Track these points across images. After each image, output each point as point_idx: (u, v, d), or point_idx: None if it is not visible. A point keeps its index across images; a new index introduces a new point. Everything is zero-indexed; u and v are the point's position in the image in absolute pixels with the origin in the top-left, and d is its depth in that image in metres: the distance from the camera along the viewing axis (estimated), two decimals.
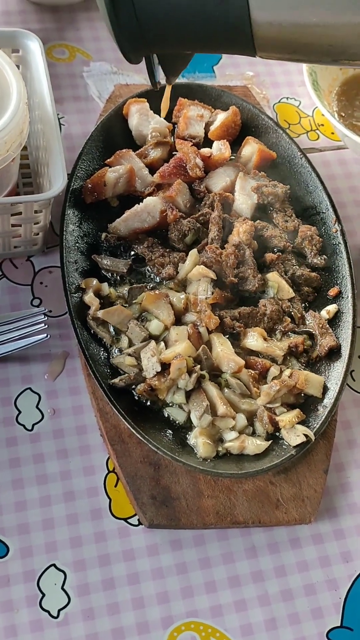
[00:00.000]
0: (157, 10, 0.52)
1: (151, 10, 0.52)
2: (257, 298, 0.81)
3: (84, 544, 0.70)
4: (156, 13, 0.52)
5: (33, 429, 0.74)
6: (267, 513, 0.72)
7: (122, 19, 0.53)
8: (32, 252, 0.84)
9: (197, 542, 0.71)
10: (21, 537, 0.69)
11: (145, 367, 0.72)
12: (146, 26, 0.53)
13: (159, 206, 0.81)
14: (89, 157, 0.85)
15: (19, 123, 0.73)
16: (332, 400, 0.75)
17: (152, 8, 0.52)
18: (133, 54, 0.58)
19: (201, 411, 0.72)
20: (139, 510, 0.70)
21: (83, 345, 0.73)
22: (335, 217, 0.86)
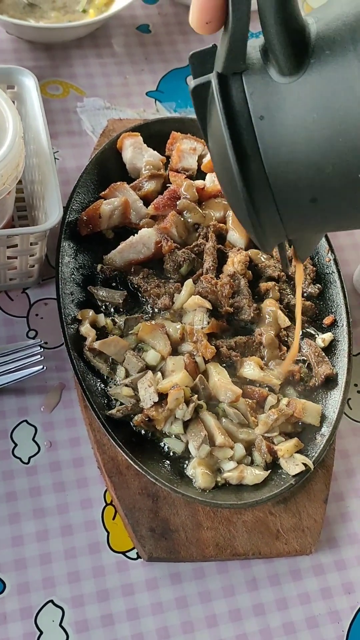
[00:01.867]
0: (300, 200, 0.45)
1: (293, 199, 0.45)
2: (253, 327, 0.81)
3: (82, 579, 0.69)
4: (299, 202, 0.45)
5: (29, 462, 0.74)
6: (267, 544, 0.71)
7: (262, 213, 0.46)
8: (27, 284, 0.84)
9: (197, 575, 0.70)
10: (18, 573, 0.68)
11: (143, 398, 0.72)
12: (287, 216, 0.47)
13: (153, 237, 0.82)
14: (84, 190, 0.86)
15: (15, 157, 0.74)
16: (330, 429, 0.75)
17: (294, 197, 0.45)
18: (272, 245, 0.52)
19: (199, 441, 0.71)
20: (138, 543, 0.69)
21: (80, 377, 0.73)
22: (329, 247, 0.87)
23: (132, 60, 1.08)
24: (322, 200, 0.45)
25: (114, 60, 1.07)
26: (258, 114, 0.43)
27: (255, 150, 0.44)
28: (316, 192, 0.44)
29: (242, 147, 0.44)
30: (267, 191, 0.45)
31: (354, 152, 0.42)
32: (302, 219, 0.47)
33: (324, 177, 0.43)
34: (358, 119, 0.41)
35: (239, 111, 0.44)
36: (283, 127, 0.43)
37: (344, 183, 0.43)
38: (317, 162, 0.43)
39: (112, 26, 1.11)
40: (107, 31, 1.10)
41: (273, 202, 0.46)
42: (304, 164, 0.43)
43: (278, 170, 0.44)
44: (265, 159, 0.44)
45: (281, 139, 0.43)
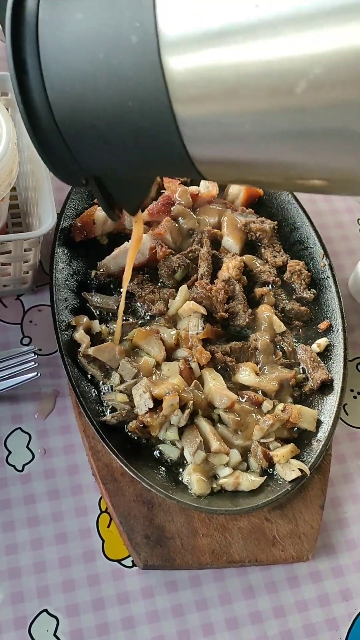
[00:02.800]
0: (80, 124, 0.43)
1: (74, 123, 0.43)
2: (248, 333, 0.81)
3: (77, 587, 0.68)
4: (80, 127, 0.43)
5: (24, 469, 0.73)
6: (264, 551, 0.70)
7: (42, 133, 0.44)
8: (21, 290, 0.84)
9: (193, 583, 0.70)
10: (12, 582, 0.67)
11: (137, 404, 0.72)
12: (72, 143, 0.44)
13: (148, 243, 0.82)
14: (78, 196, 0.86)
15: (9, 163, 0.73)
16: (326, 434, 0.75)
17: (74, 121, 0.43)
18: (66, 176, 0.48)
19: (194, 447, 0.71)
20: (133, 550, 0.68)
21: (74, 383, 0.72)
22: (323, 252, 0.87)
23: None
24: (100, 127, 0.42)
25: None
26: (44, 20, 0.41)
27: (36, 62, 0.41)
28: (93, 117, 0.42)
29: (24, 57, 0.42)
30: (47, 110, 0.43)
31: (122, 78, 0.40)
32: (87, 148, 0.45)
33: (101, 102, 0.41)
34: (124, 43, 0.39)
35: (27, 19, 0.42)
36: (64, 42, 0.41)
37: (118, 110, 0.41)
38: (91, 83, 0.41)
39: None
40: None
41: (55, 123, 0.43)
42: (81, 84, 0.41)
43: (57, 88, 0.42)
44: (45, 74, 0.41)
45: (61, 55, 0.41)
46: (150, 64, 0.39)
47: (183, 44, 0.38)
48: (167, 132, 0.41)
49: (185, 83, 0.39)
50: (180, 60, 0.38)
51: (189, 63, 0.38)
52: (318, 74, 0.35)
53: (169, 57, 0.38)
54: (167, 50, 0.38)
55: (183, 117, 0.40)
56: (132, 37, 0.39)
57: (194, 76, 0.38)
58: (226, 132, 0.40)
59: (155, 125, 0.41)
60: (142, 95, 0.40)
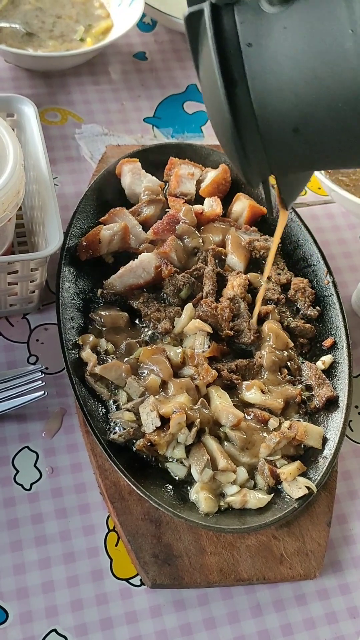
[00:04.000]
0: (284, 129, 0.46)
1: (277, 129, 0.47)
2: (253, 350, 0.82)
3: (85, 607, 0.68)
4: (283, 132, 0.47)
5: (31, 488, 0.73)
6: (272, 569, 0.70)
7: (246, 140, 0.48)
8: (27, 309, 0.84)
9: (201, 601, 0.70)
10: (20, 602, 0.67)
11: (145, 422, 0.72)
12: (271, 147, 0.48)
13: (153, 262, 0.83)
14: (84, 215, 0.86)
15: (16, 184, 0.74)
16: (332, 451, 0.75)
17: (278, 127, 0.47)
18: (256, 178, 0.52)
19: (202, 466, 0.71)
20: (141, 569, 0.68)
21: (81, 402, 0.72)
22: (327, 269, 0.87)
23: (129, 87, 1.10)
24: (304, 130, 0.46)
25: (111, 87, 1.09)
26: (246, 41, 0.45)
27: (242, 76, 0.46)
28: (299, 122, 0.45)
29: (230, 72, 0.46)
30: (251, 117, 0.46)
31: (337, 82, 0.43)
32: (284, 150, 0.48)
33: (307, 107, 0.45)
34: (342, 49, 0.43)
35: (228, 38, 0.46)
36: (270, 55, 0.45)
37: (326, 114, 0.44)
38: (300, 91, 0.44)
39: (109, 54, 1.12)
40: (104, 59, 1.12)
41: (256, 129, 0.47)
42: (288, 92, 0.45)
43: (263, 97, 0.46)
44: (251, 85, 0.46)
45: (267, 67, 0.45)
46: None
47: None
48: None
49: None
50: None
51: None
52: None
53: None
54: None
55: None
56: (346, 44, 0.42)
57: None
58: None
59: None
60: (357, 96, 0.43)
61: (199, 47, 0.49)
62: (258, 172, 0.51)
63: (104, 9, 1.11)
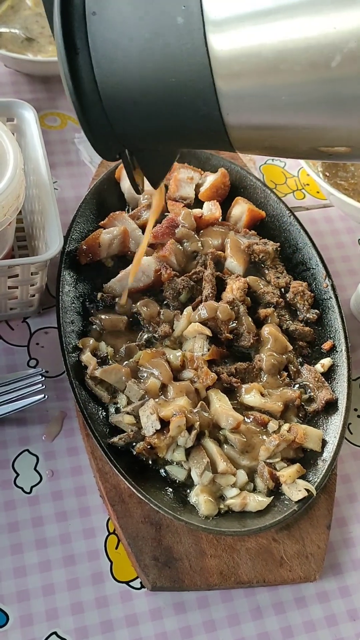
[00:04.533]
0: (123, 99, 0.48)
1: (117, 98, 0.48)
2: (252, 353, 0.82)
3: (86, 610, 0.68)
4: (123, 102, 0.48)
5: (31, 491, 0.73)
6: (272, 571, 0.70)
7: (88, 109, 0.49)
8: (27, 313, 0.85)
9: (201, 604, 0.70)
10: (21, 605, 0.67)
11: (145, 425, 0.72)
12: (114, 118, 0.49)
13: (153, 265, 0.83)
14: (83, 219, 0.87)
15: (16, 188, 0.75)
16: (331, 454, 0.75)
17: (118, 97, 0.48)
18: (106, 150, 0.53)
19: (202, 468, 0.71)
20: (142, 572, 0.69)
21: (81, 405, 0.73)
22: (325, 273, 0.88)
23: None
24: (142, 103, 0.47)
25: None
26: (91, 10, 0.47)
27: (84, 44, 0.46)
28: (136, 95, 0.47)
29: (73, 39, 0.47)
30: (93, 87, 0.47)
31: (169, 57, 0.45)
32: (127, 122, 0.49)
33: (143, 80, 0.46)
34: (174, 23, 0.44)
35: (75, 4, 0.47)
36: (110, 24, 0.46)
37: (161, 88, 0.46)
38: (135, 63, 0.46)
39: None
40: None
41: (99, 98, 0.48)
42: (126, 63, 0.46)
43: (104, 67, 0.46)
44: (93, 54, 0.46)
45: (107, 36, 0.46)
46: (194, 43, 0.43)
47: (227, 24, 0.43)
48: (206, 105, 0.45)
49: (228, 60, 0.43)
50: (224, 39, 0.43)
51: (233, 42, 0.43)
52: (352, 48, 0.40)
53: (213, 36, 0.43)
54: (212, 30, 0.43)
55: (224, 91, 0.44)
56: (178, 19, 0.44)
57: (237, 54, 0.43)
58: (264, 102, 0.44)
59: (196, 99, 0.45)
60: (186, 72, 0.44)
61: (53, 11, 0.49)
62: (107, 144, 0.52)
63: None
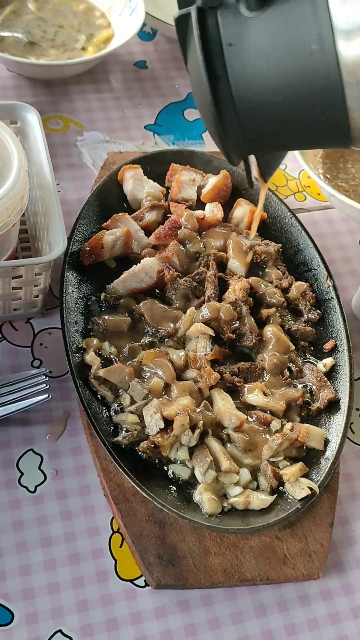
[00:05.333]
0: (259, 118, 0.55)
1: (254, 117, 0.55)
2: (254, 353, 0.82)
3: (90, 608, 0.68)
4: (258, 120, 0.55)
5: (36, 490, 0.74)
6: (275, 569, 0.71)
7: (227, 126, 0.56)
8: (31, 314, 0.85)
9: (205, 602, 0.70)
10: (26, 603, 0.68)
11: (148, 424, 0.73)
12: (249, 132, 0.56)
13: (156, 266, 0.84)
14: (86, 221, 0.87)
15: (20, 190, 0.75)
16: (334, 453, 0.76)
17: (254, 116, 0.55)
18: (236, 157, 0.61)
19: (205, 467, 0.72)
20: (146, 570, 0.69)
21: (85, 404, 0.73)
22: (327, 273, 0.88)
23: (130, 95, 1.11)
24: (276, 120, 0.54)
25: (113, 95, 1.10)
26: (227, 41, 0.53)
27: (223, 71, 0.53)
28: (272, 113, 0.54)
29: (213, 69, 0.53)
30: (232, 108, 0.54)
31: (304, 79, 0.51)
32: (259, 135, 0.57)
33: (279, 99, 0.53)
34: (308, 50, 0.50)
35: (212, 39, 0.53)
36: (248, 54, 0.53)
37: (294, 106, 0.53)
38: (273, 85, 0.53)
39: (110, 62, 1.14)
40: (106, 67, 1.13)
41: (237, 118, 0.55)
42: (263, 86, 0.53)
43: (242, 90, 0.54)
44: (232, 80, 0.53)
45: (246, 64, 0.53)
46: (328, 66, 0.50)
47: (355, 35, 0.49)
48: (336, 113, 0.52)
49: (356, 72, 0.49)
50: (353, 51, 0.49)
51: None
52: None
53: (345, 52, 0.49)
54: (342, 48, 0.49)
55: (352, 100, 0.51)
56: (312, 46, 0.50)
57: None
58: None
59: (327, 112, 0.52)
60: (320, 91, 0.51)
61: (188, 45, 0.56)
62: (238, 153, 0.60)
63: (105, 18, 1.13)
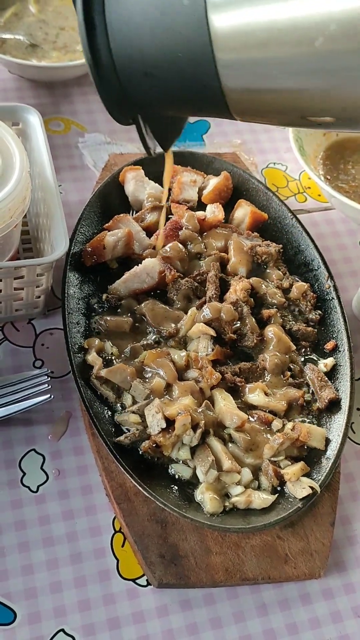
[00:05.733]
0: (136, 71, 0.56)
1: (130, 69, 0.56)
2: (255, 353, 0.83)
3: (93, 607, 0.69)
4: (135, 73, 0.56)
5: (38, 490, 0.74)
6: (276, 568, 0.71)
7: (105, 79, 0.56)
8: (33, 314, 0.85)
9: (207, 601, 0.70)
10: (28, 602, 0.68)
11: (150, 424, 0.73)
12: (128, 86, 0.57)
13: (157, 267, 0.84)
14: (88, 222, 0.88)
15: (22, 191, 0.76)
16: (335, 452, 0.76)
17: (131, 68, 0.56)
18: (120, 115, 0.61)
19: (207, 466, 0.72)
20: (148, 569, 0.69)
21: (87, 404, 0.73)
22: (328, 274, 0.89)
23: None
24: (153, 74, 0.55)
25: None
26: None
27: (102, 20, 0.54)
28: (147, 67, 0.55)
29: (92, 17, 0.54)
30: (109, 60, 0.55)
31: (177, 34, 0.52)
32: (139, 91, 0.57)
33: (153, 54, 0.53)
34: (180, 4, 0.51)
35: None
36: (125, 5, 0.53)
37: (169, 61, 0.53)
38: (147, 39, 0.53)
39: None
40: None
41: (114, 70, 0.56)
42: (138, 39, 0.54)
43: (118, 42, 0.54)
44: (109, 31, 0.54)
45: (122, 15, 0.54)
46: (198, 21, 0.51)
47: (226, 5, 0.50)
48: (207, 75, 0.53)
49: (226, 36, 0.51)
50: (223, 18, 0.50)
51: (231, 20, 0.50)
52: (333, 30, 0.46)
53: (214, 15, 0.50)
54: (213, 10, 0.50)
55: (223, 61, 0.52)
56: (184, 1, 0.51)
57: (234, 30, 0.50)
58: (256, 72, 0.52)
59: (198, 70, 0.53)
60: (190, 47, 0.52)
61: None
62: (120, 109, 0.60)
63: None
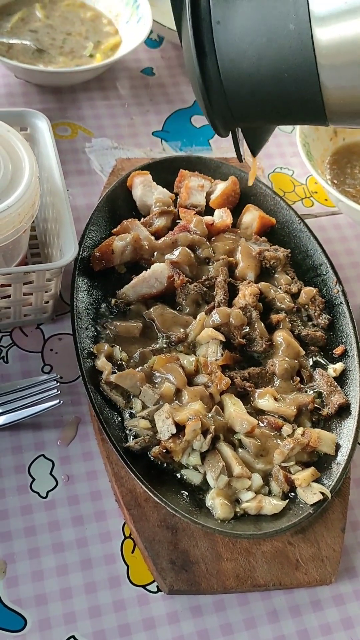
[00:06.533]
0: (243, 91, 0.60)
1: (238, 91, 0.60)
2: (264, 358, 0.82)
3: (103, 613, 0.68)
4: (242, 94, 0.60)
5: (48, 496, 0.74)
6: (287, 574, 0.71)
7: (213, 99, 0.61)
8: (41, 319, 0.85)
9: (217, 607, 0.70)
10: (39, 609, 0.68)
11: (160, 430, 0.73)
12: (234, 105, 0.61)
13: (166, 272, 0.84)
14: (96, 227, 0.88)
15: (32, 196, 0.76)
16: (345, 458, 0.76)
17: (238, 89, 0.60)
18: (223, 129, 0.65)
19: (217, 472, 0.72)
20: (159, 575, 0.69)
21: (97, 410, 0.73)
22: (336, 279, 0.89)
23: (138, 101, 1.11)
24: (258, 92, 0.59)
25: (120, 102, 1.10)
26: (216, 19, 0.58)
27: (211, 48, 0.58)
28: (254, 87, 0.59)
29: (202, 45, 0.58)
30: (218, 81, 0.59)
31: (282, 57, 0.56)
32: (244, 107, 0.62)
33: (259, 75, 0.58)
34: (286, 30, 0.55)
35: (202, 16, 0.58)
36: (233, 31, 0.57)
37: (273, 81, 0.58)
38: (254, 62, 0.57)
39: (117, 69, 1.14)
40: (113, 74, 1.13)
41: (222, 91, 0.60)
42: (246, 63, 0.58)
43: (227, 66, 0.58)
44: (219, 56, 0.58)
45: (230, 41, 0.58)
46: (304, 45, 0.55)
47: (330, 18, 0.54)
48: (311, 92, 0.57)
49: (330, 52, 0.54)
50: (328, 32, 0.54)
51: (335, 39, 0.54)
52: None
53: (319, 29, 0.54)
54: (318, 24, 0.54)
55: (326, 79, 0.56)
56: (290, 26, 0.55)
57: (339, 44, 0.54)
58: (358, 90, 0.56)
59: (302, 87, 0.57)
60: (296, 69, 0.56)
61: (182, 24, 0.61)
62: (224, 125, 0.65)
63: (113, 26, 1.13)
